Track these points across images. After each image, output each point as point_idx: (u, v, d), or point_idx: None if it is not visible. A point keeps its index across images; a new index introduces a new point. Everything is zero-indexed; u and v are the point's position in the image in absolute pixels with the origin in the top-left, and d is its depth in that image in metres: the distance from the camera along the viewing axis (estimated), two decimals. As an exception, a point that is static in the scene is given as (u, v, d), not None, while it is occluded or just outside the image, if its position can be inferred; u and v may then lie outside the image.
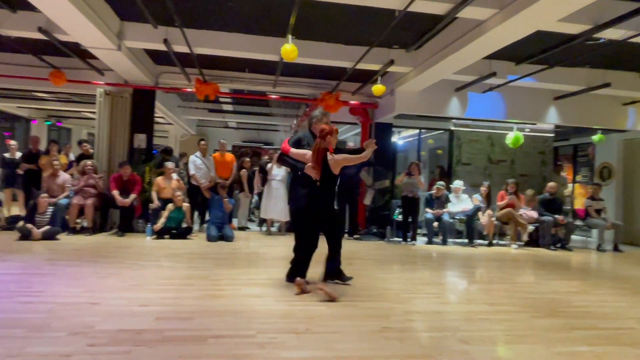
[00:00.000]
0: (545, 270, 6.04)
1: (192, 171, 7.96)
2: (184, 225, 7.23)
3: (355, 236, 8.14)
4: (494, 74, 6.84)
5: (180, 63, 7.32)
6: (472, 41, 5.30)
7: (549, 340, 3.04)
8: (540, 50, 6.20)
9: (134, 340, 2.67)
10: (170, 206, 7.12)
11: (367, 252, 6.79)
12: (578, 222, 8.78)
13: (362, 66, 6.98)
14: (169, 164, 7.69)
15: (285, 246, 6.94)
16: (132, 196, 7.18)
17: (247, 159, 9.01)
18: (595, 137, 9.55)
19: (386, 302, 3.84)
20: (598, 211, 8.52)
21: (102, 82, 8.11)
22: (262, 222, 8.60)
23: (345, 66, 7.10)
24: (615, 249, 8.21)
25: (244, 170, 8.86)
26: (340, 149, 4.56)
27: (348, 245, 7.32)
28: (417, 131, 10.02)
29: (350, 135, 11.86)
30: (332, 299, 3.73)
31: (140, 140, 8.29)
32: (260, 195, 8.54)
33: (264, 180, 8.18)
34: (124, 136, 8.21)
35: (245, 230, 8.63)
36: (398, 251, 7.01)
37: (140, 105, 8.31)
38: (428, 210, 8.16)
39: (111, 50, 6.39)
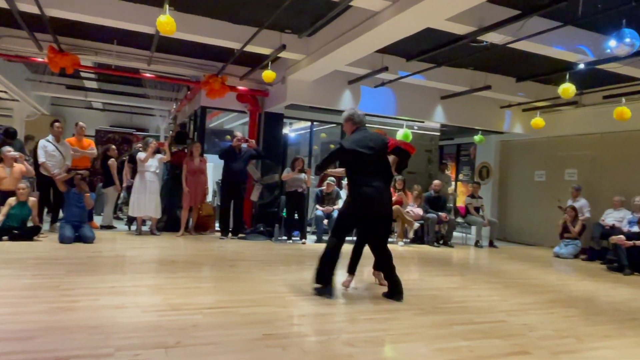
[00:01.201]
0: (429, 266, 6.57)
1: (41, 158, 7.07)
2: (30, 224, 6.41)
3: (240, 235, 8.00)
4: (386, 69, 7.22)
5: (27, 26, 6.44)
6: (366, 32, 5.51)
7: (431, 337, 3.28)
8: (430, 48, 6.69)
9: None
10: (10, 201, 6.26)
11: (253, 252, 6.72)
12: (459, 220, 9.74)
13: (251, 49, 6.86)
14: (7, 149, 6.74)
15: (158, 248, 6.55)
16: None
17: (113, 147, 8.30)
18: (476, 138, 10.66)
19: (269, 306, 3.80)
20: (477, 209, 9.54)
21: None
22: (131, 220, 8.01)
23: (232, 47, 6.90)
24: (491, 245, 9.27)
25: (113, 160, 8.15)
26: None
27: (231, 246, 7.18)
28: (309, 123, 10.17)
29: (237, 124, 11.62)
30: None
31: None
32: (129, 189, 7.94)
33: (135, 171, 7.61)
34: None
35: (110, 230, 7.96)
36: (286, 251, 7.05)
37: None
38: (318, 207, 8.35)
39: None
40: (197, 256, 6.12)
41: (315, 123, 10.17)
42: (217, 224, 8.34)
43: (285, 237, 8.05)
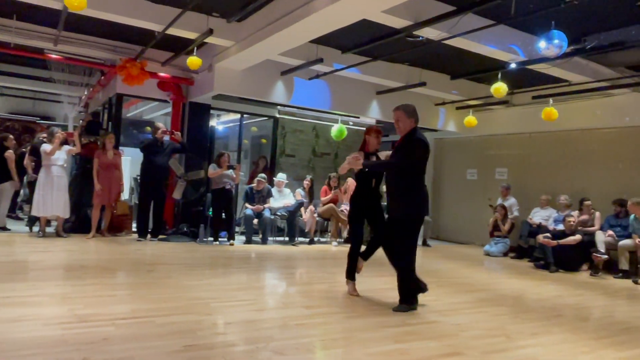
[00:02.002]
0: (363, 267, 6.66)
1: None
2: None
3: (161, 237, 7.68)
4: (320, 60, 7.23)
5: None
6: (299, 20, 5.46)
7: (364, 340, 3.31)
8: (366, 41, 6.79)
9: None
10: None
11: (174, 255, 6.47)
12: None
13: (174, 32, 6.58)
14: None
15: (65, 251, 6.13)
16: None
17: (11, 137, 7.65)
18: (411, 135, 10.99)
19: (192, 314, 3.66)
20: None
21: None
22: (33, 221, 7.42)
23: (153, 29, 6.59)
24: (425, 244, 9.61)
25: (10, 151, 7.50)
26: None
27: (150, 248, 6.88)
28: (238, 116, 9.98)
29: (158, 114, 11.17)
30: None
31: None
32: (31, 185, 7.35)
33: (38, 165, 7.05)
34: None
35: (5, 232, 7.33)
36: (212, 253, 6.87)
37: None
38: (248, 205, 8.22)
39: None
40: (110, 260, 5.79)
41: (245, 115, 10.00)
42: (134, 225, 7.96)
43: (211, 238, 7.85)
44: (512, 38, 6.36)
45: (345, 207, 9.07)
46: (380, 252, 4.61)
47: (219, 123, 11.24)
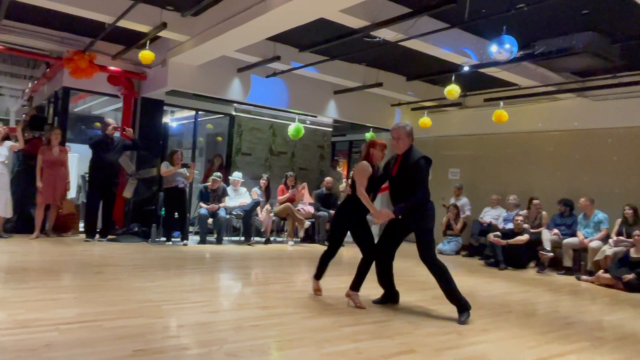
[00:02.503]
0: (319, 267, 6.68)
1: None
2: None
3: (110, 237, 7.43)
4: (278, 58, 7.19)
5: None
6: (257, 17, 5.41)
7: (319, 341, 3.31)
8: (324, 40, 6.80)
9: None
10: None
11: (124, 256, 6.27)
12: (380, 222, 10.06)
13: (126, 24, 6.36)
14: None
15: (5, 253, 5.82)
16: None
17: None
18: (368, 135, 11.12)
19: (143, 317, 3.56)
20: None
21: None
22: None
23: (103, 20, 6.34)
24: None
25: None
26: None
27: (99, 249, 6.65)
28: (193, 113, 9.78)
29: (109, 109, 10.79)
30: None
31: None
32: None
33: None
34: None
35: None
36: (164, 254, 6.70)
37: None
38: (202, 204, 8.07)
39: None
40: (54, 262, 5.54)
41: (200, 112, 9.81)
42: (81, 224, 7.66)
43: (163, 239, 7.66)
44: (465, 42, 6.55)
45: (302, 207, 9.08)
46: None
47: (173, 120, 10.99)
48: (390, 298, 4.62)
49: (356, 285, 4.42)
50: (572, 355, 3.45)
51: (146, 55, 6.65)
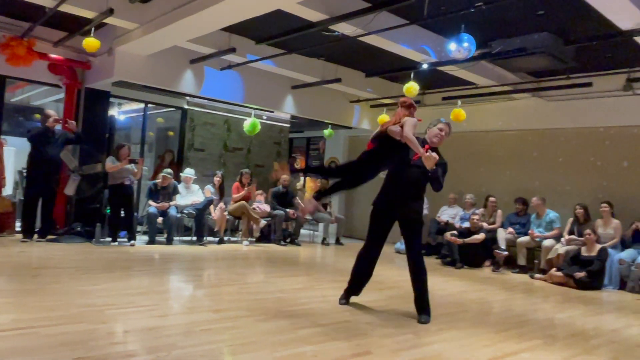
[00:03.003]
0: (274, 267, 6.65)
1: None
2: None
3: (50, 237, 7.12)
4: (233, 50, 7.08)
5: None
6: (210, 6, 5.29)
7: (273, 344, 3.28)
8: (281, 32, 6.75)
9: None
10: None
11: (66, 258, 6.01)
12: (307, 216, 10.07)
13: (69, 9, 6.08)
14: None
15: None
16: None
17: None
18: (326, 132, 11.17)
19: (84, 323, 3.41)
20: (325, 205, 9.99)
21: None
22: None
23: (43, 4, 6.05)
24: (338, 242, 9.79)
25: None
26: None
27: (37, 250, 6.36)
28: (142, 105, 9.50)
29: (50, 100, 10.31)
30: None
31: None
32: None
33: None
34: None
35: None
36: (109, 255, 6.48)
37: None
38: (151, 203, 7.86)
39: None
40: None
41: (150, 105, 9.54)
42: (18, 223, 7.31)
43: (109, 239, 7.41)
44: (424, 39, 6.66)
45: (257, 205, 9.00)
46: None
47: (120, 112, 10.63)
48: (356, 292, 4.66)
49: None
50: (526, 353, 3.57)
51: (91, 43, 6.38)
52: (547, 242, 7.44)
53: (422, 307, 4.29)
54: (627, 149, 7.68)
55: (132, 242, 7.38)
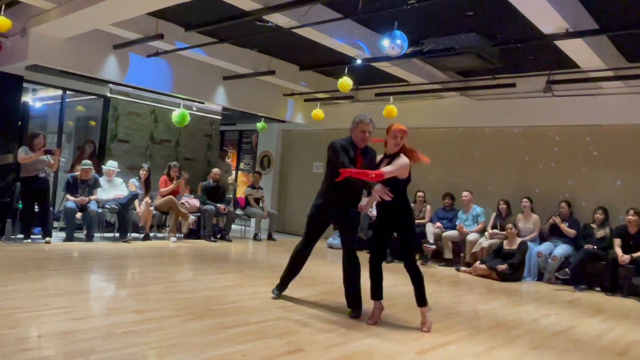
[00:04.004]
0: (204, 264, 6.50)
1: None
2: None
3: (-48, 234, 6.54)
4: (161, 37, 6.79)
5: None
6: (136, -11, 5.06)
7: (201, 345, 3.19)
8: (213, 20, 6.56)
9: None
10: None
11: (-30, 256, 5.55)
12: (238, 211, 9.94)
13: (-27, -17, 5.59)
14: None
15: None
16: None
17: None
18: (259, 125, 11.04)
19: (-10, 328, 3.16)
20: (257, 200, 9.89)
21: None
22: None
23: (-58, -23, 5.51)
24: (270, 237, 9.73)
25: None
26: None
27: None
28: (60, 92, 8.92)
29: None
30: None
31: None
32: None
33: None
34: None
35: None
36: (21, 253, 6.06)
37: None
38: (69, 197, 7.41)
39: None
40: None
41: (68, 92, 8.97)
42: None
43: (21, 236, 6.94)
44: (358, 34, 6.73)
45: (186, 200, 8.74)
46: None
47: (36, 99, 9.94)
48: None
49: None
50: (452, 345, 3.71)
51: (1, 22, 5.90)
52: (471, 236, 7.81)
53: (354, 301, 4.34)
54: (547, 149, 8.20)
55: (48, 239, 6.93)
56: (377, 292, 4.20)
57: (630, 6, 5.33)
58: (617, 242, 6.69)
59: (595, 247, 6.75)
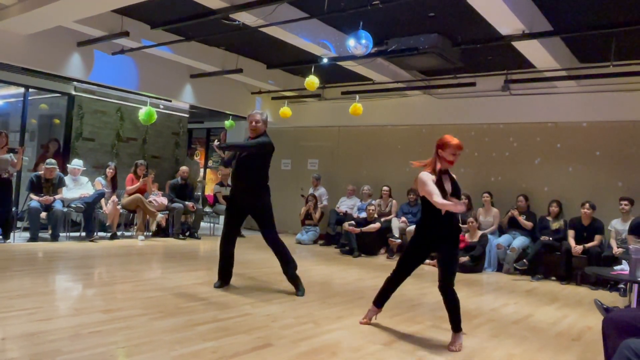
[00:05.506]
0: (172, 262, 6.39)
1: None
2: None
3: None
4: (126, 34, 6.63)
5: None
6: (100, -15, 4.91)
7: (171, 342, 3.14)
8: (179, 18, 6.44)
9: None
10: None
11: None
12: (207, 209, 9.81)
13: None
14: None
15: None
16: None
17: None
18: (227, 123, 10.91)
19: (-50, 332, 3.02)
20: (225, 197, 9.78)
21: None
22: None
23: None
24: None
25: None
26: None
27: None
28: (22, 90, 8.59)
29: None
30: None
31: None
32: None
33: None
34: None
35: None
36: (-18, 254, 5.81)
37: None
38: (33, 196, 7.15)
39: None
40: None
41: (31, 90, 8.65)
42: None
43: (-18, 236, 6.64)
44: (324, 34, 6.73)
45: (154, 198, 8.58)
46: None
47: (-4, 97, 9.55)
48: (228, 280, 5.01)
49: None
50: (418, 335, 3.77)
51: (-43, 17, 5.63)
52: (436, 230, 7.92)
53: (295, 283, 4.79)
54: (505, 145, 8.41)
55: (9, 240, 6.68)
56: (382, 301, 4.01)
57: (582, 10, 5.51)
58: (571, 233, 6.93)
59: (550, 238, 6.97)
